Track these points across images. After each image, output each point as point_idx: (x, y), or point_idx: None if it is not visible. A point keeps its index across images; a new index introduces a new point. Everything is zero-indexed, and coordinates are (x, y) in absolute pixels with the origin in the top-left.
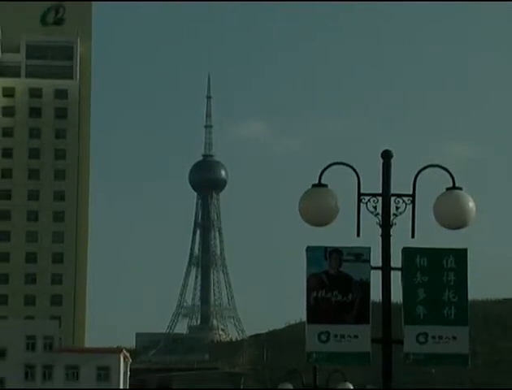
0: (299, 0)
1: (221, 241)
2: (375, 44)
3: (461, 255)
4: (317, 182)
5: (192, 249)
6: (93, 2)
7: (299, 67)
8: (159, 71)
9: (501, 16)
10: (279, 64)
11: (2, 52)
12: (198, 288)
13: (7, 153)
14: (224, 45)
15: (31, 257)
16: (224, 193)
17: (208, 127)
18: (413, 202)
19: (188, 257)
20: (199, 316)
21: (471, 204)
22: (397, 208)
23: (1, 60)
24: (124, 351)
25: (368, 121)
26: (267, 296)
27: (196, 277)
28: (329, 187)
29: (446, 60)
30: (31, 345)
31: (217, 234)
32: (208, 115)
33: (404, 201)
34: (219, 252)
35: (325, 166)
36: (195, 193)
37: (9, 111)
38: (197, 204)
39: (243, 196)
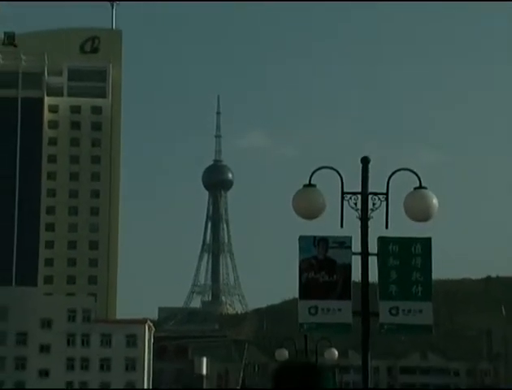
0: (295, 0)
1: (228, 232)
2: (369, 55)
3: (426, 243)
4: (307, 183)
5: (204, 237)
6: (123, 35)
7: (296, 84)
8: (178, 91)
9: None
10: (278, 83)
11: (47, 75)
12: (209, 270)
13: (52, 159)
14: (230, 68)
15: (72, 245)
16: (231, 192)
17: (218, 137)
18: (386, 199)
19: (201, 244)
20: (210, 293)
21: (435, 201)
22: (374, 204)
23: (47, 82)
24: (149, 322)
25: (352, 131)
26: (266, 277)
27: (207, 261)
28: (317, 187)
29: (422, 75)
30: (72, 317)
31: (225, 226)
32: (218, 127)
33: (379, 198)
34: (226, 240)
35: (314, 169)
36: (207, 192)
37: (53, 124)
38: (208, 201)
39: (246, 194)
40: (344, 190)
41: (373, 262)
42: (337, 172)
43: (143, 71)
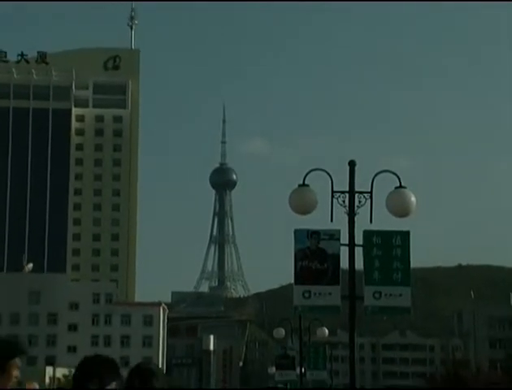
0: (298, 1)
1: (232, 226)
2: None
3: (405, 235)
4: (301, 183)
5: (211, 230)
6: (140, 54)
7: (293, 96)
8: (188, 103)
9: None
10: (278, 94)
11: (75, 89)
12: (216, 259)
13: (79, 162)
14: (235, 81)
15: (96, 237)
16: (235, 191)
17: (223, 143)
18: (371, 197)
19: (208, 236)
20: (217, 279)
21: (413, 198)
22: (360, 201)
23: (74, 95)
24: (163, 304)
25: (341, 138)
26: (266, 265)
27: (214, 251)
28: (310, 186)
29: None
30: (96, 300)
31: (229, 220)
32: (223, 134)
33: (364, 196)
34: (231, 233)
35: (307, 171)
36: (214, 191)
37: (80, 132)
38: (215, 199)
39: (248, 193)
40: (334, 189)
41: (359, 252)
42: (327, 173)
43: (158, 85)
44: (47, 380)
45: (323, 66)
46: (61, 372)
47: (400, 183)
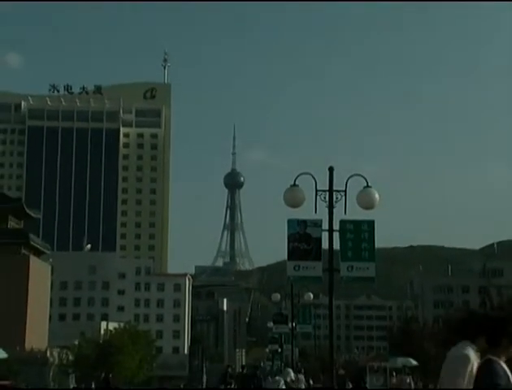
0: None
1: (241, 216)
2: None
3: (371, 223)
4: (293, 183)
5: (225, 220)
6: (171, 87)
7: (291, 114)
8: (207, 123)
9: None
10: (278, 112)
11: (122, 113)
12: (228, 241)
13: (125, 168)
14: (243, 105)
15: (138, 225)
16: (243, 190)
17: (233, 154)
18: (345, 195)
19: (222, 224)
20: (229, 256)
21: (377, 196)
22: (337, 198)
23: (122, 118)
24: (188, 275)
25: (325, 149)
26: (266, 245)
27: (227, 235)
28: (300, 186)
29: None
30: (138, 272)
31: (239, 212)
32: (233, 147)
33: (340, 194)
34: (239, 222)
35: (297, 174)
36: (226, 190)
37: (126, 145)
38: (227, 196)
39: (253, 191)
40: (317, 188)
41: (336, 236)
42: (312, 176)
43: (185, 110)
44: (102, 331)
45: (314, 84)
46: (112, 326)
47: (367, 183)
